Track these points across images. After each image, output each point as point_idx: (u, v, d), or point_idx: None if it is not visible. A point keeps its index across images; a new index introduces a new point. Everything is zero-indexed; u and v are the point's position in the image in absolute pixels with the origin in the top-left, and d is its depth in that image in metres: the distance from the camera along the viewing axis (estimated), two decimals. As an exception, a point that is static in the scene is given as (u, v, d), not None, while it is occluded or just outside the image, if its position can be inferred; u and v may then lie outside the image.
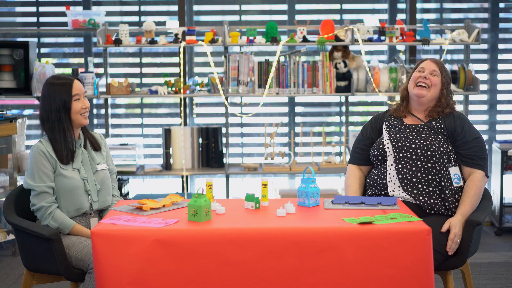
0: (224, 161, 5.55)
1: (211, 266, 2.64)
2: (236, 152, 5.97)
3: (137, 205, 3.03)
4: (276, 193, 5.52)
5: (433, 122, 3.34)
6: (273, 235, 2.66)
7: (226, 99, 5.35)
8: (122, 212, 2.96)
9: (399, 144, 3.29)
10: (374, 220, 2.74)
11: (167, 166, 5.53)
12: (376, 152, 3.35)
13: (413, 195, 3.20)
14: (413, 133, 3.31)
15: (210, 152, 5.56)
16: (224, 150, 5.56)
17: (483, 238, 5.25)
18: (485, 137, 6.00)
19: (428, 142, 3.25)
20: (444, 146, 3.25)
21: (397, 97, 5.70)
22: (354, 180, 3.44)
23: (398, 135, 3.33)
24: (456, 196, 3.22)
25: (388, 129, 3.40)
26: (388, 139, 3.34)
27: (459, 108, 5.68)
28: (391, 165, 3.28)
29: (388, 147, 3.31)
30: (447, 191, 3.19)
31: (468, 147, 3.27)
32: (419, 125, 3.35)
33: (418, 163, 3.23)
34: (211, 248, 2.64)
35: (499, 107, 6.02)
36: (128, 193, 5.46)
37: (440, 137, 3.28)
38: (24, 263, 3.20)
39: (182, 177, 5.61)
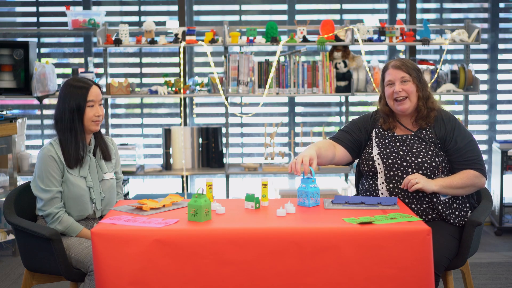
0: (224, 161, 5.55)
1: (211, 266, 2.64)
2: (236, 152, 5.97)
3: (137, 205, 3.03)
4: (276, 193, 5.52)
5: (424, 132, 3.22)
6: (273, 235, 2.66)
7: (226, 99, 5.35)
8: (122, 212, 2.96)
9: (390, 161, 3.18)
10: (374, 220, 2.74)
11: (167, 166, 5.53)
12: (366, 168, 3.25)
13: None
14: (403, 147, 3.19)
15: (210, 152, 5.56)
16: (224, 150, 5.56)
17: (483, 238, 5.25)
18: (485, 137, 6.00)
19: (420, 159, 3.14)
20: (436, 160, 3.14)
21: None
22: (320, 144, 3.22)
23: (388, 150, 3.21)
24: (451, 205, 3.16)
25: (377, 140, 3.28)
26: (377, 153, 3.23)
27: (458, 107, 5.71)
28: (382, 183, 3.19)
29: (378, 164, 3.20)
30: (439, 207, 3.13)
31: (461, 154, 3.17)
32: (409, 136, 3.23)
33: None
34: (211, 248, 2.64)
35: (499, 107, 6.02)
36: (128, 193, 5.46)
37: (432, 148, 3.17)
38: (24, 263, 3.20)
39: (182, 177, 5.62)
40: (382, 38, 5.36)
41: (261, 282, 2.65)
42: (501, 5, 5.93)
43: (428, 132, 3.22)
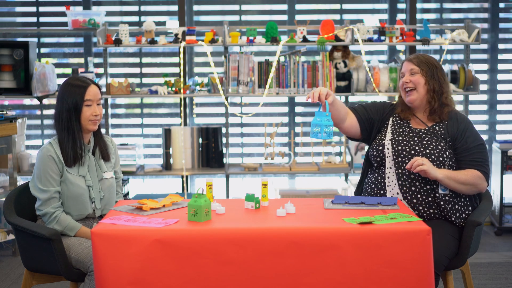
0: (224, 161, 5.55)
1: (211, 266, 2.64)
2: (236, 152, 5.97)
3: (137, 205, 3.03)
4: (276, 193, 5.52)
5: (437, 128, 3.27)
6: (273, 235, 2.66)
7: (226, 99, 5.35)
8: (122, 212, 2.96)
9: (399, 147, 3.23)
10: (374, 220, 2.74)
11: (167, 166, 5.53)
12: (375, 153, 3.29)
13: (412, 204, 3.16)
14: (415, 138, 3.25)
15: (210, 152, 5.56)
16: (224, 150, 5.56)
17: (483, 238, 5.25)
18: (485, 137, 6.00)
19: (428, 151, 3.18)
20: (444, 155, 3.18)
21: (396, 97, 5.72)
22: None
23: (400, 138, 3.27)
24: (454, 206, 3.17)
25: (392, 127, 3.34)
26: (389, 140, 3.28)
27: (458, 108, 5.71)
28: (390, 168, 3.23)
29: (387, 148, 3.25)
30: (441, 202, 3.15)
31: (469, 154, 3.20)
32: (423, 130, 3.28)
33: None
34: (211, 248, 2.64)
35: (499, 107, 6.02)
36: (128, 193, 5.46)
37: (442, 144, 3.20)
38: (24, 263, 3.20)
39: (182, 177, 5.61)
40: (382, 38, 5.36)
41: (261, 282, 2.65)
42: (501, 5, 5.93)
43: (441, 129, 3.27)
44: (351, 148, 5.58)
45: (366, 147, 5.55)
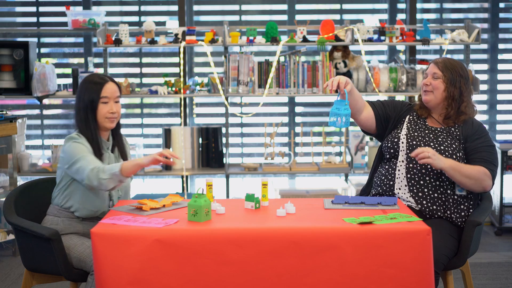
0: (224, 161, 5.55)
1: (211, 266, 2.64)
2: (236, 152, 5.97)
3: (137, 205, 3.03)
4: (276, 193, 5.52)
5: (452, 129, 3.30)
6: (273, 235, 2.66)
7: (226, 99, 5.35)
8: (122, 212, 2.96)
9: (414, 142, 3.26)
10: (374, 220, 2.74)
11: (167, 166, 5.53)
12: (389, 144, 3.32)
13: (417, 198, 3.18)
14: (431, 135, 3.28)
15: (210, 152, 5.56)
16: (224, 150, 5.56)
17: (483, 238, 5.25)
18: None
19: (442, 147, 3.21)
20: (458, 155, 3.20)
21: (398, 97, 5.71)
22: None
23: (416, 133, 3.30)
24: (458, 206, 3.18)
25: (408, 124, 3.38)
26: (405, 134, 3.31)
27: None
28: (402, 161, 3.26)
29: (402, 142, 3.29)
30: (450, 199, 3.17)
31: (478, 152, 3.21)
32: (439, 128, 3.31)
33: (429, 166, 3.19)
34: (211, 248, 2.64)
35: (499, 107, 6.02)
36: (128, 193, 5.46)
37: (456, 144, 3.23)
38: (24, 263, 3.20)
39: (182, 177, 5.62)
40: (382, 38, 5.36)
41: (261, 282, 2.65)
42: (501, 5, 5.93)
43: (457, 130, 3.29)
44: (351, 148, 5.58)
45: (366, 148, 5.57)
